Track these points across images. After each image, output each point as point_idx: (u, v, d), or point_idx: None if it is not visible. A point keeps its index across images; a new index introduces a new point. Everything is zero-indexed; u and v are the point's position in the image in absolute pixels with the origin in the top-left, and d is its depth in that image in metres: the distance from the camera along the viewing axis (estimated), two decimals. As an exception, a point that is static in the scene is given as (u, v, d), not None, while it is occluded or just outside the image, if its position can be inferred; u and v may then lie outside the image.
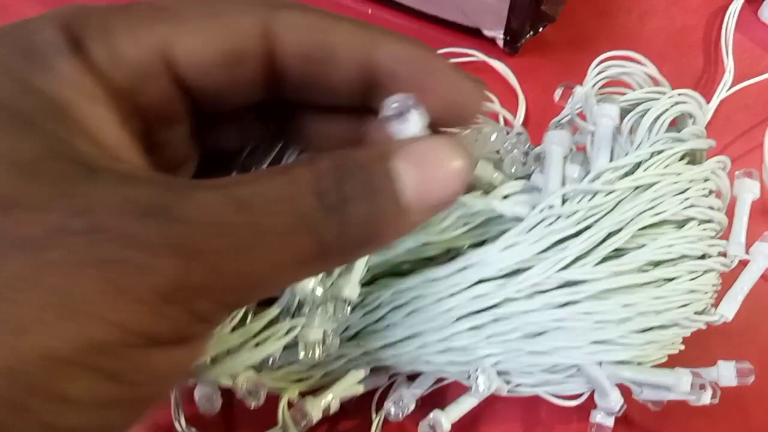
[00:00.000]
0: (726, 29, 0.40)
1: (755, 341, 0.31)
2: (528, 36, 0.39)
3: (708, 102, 0.37)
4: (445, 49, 0.38)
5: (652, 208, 0.22)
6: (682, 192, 0.23)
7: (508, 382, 0.24)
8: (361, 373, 0.25)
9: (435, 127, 0.18)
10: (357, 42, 0.17)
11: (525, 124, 0.37)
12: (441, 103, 0.17)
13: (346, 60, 0.17)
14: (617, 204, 0.22)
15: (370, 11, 0.43)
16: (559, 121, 0.26)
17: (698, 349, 0.26)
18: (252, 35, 0.17)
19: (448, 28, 0.41)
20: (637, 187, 0.22)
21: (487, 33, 0.40)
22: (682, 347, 0.25)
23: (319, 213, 0.14)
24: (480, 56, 0.38)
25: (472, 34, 0.41)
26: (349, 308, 0.23)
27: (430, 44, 0.39)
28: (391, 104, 0.16)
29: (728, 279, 0.26)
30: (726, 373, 0.24)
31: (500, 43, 0.40)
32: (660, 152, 0.23)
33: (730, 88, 0.38)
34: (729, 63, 0.38)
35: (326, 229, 0.14)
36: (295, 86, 0.18)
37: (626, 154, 0.24)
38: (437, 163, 0.15)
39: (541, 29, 0.39)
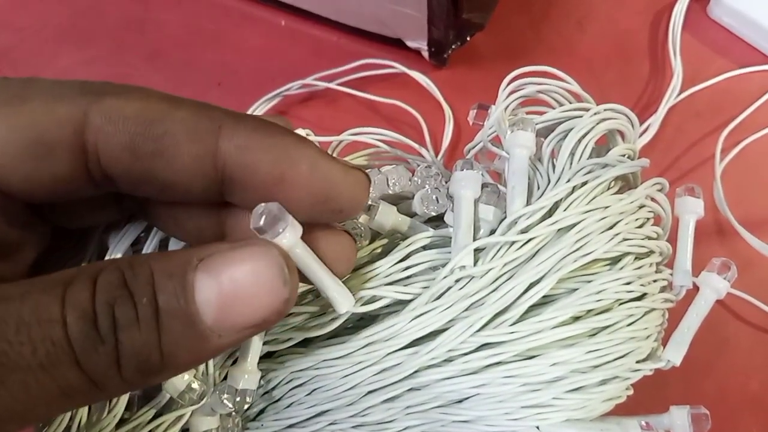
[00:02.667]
0: (673, 30, 0.37)
1: (713, 376, 0.29)
2: (455, 46, 0.36)
3: (656, 110, 0.34)
4: (361, 61, 0.35)
5: (578, 250, 0.19)
6: (611, 227, 0.20)
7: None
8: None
9: (308, 223, 0.15)
10: (194, 133, 0.14)
11: (455, 142, 0.34)
12: (307, 198, 0.15)
13: (182, 154, 0.14)
14: (537, 252, 0.19)
15: (283, 23, 0.39)
16: (472, 147, 0.23)
17: (652, 388, 0.23)
18: (63, 125, 0.14)
19: (370, 39, 0.38)
20: (559, 229, 0.19)
21: (411, 44, 0.37)
22: (630, 392, 0.23)
23: (87, 342, 0.12)
24: (400, 68, 0.35)
25: (397, 46, 0.37)
26: (250, 397, 0.20)
27: (349, 57, 0.36)
28: (256, 215, 0.14)
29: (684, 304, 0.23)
30: (679, 421, 0.22)
31: (425, 54, 0.37)
32: (584, 184, 0.20)
33: (679, 94, 0.35)
34: (677, 66, 0.35)
35: (94, 361, 0.12)
36: (128, 181, 0.15)
37: (548, 184, 0.21)
38: (245, 278, 0.13)
39: (469, 38, 0.36)
